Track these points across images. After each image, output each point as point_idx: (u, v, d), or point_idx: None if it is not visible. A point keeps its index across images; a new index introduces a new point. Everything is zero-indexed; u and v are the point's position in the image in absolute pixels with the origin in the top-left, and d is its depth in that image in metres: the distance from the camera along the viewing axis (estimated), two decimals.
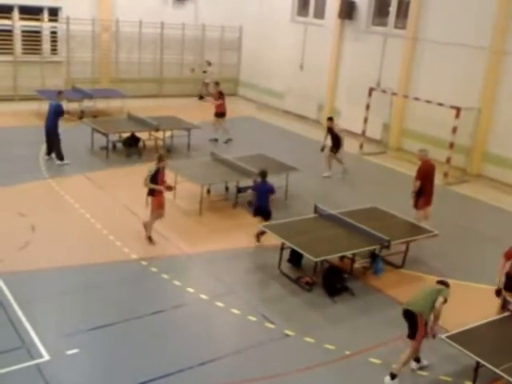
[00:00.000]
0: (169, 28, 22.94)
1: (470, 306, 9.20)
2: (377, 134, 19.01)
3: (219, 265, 10.00)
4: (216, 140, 17.55)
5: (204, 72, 23.39)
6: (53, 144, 14.22)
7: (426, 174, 11.48)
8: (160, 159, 10.33)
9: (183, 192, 12.45)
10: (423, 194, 11.43)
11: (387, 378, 7.18)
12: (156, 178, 10.20)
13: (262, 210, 10.78)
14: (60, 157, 14.22)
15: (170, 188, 10.66)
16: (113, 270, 9.50)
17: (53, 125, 14.12)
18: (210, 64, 23.42)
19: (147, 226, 10.54)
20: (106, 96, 20.10)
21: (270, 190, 10.84)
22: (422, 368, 7.50)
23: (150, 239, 10.51)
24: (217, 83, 18.65)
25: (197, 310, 8.68)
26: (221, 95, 17.67)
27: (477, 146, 16.41)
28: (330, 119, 15.19)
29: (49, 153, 14.51)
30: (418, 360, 7.49)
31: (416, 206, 11.53)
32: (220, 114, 17.58)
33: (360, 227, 9.93)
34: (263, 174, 10.98)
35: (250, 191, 11.91)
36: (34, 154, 14.67)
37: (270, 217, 10.73)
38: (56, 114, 14.10)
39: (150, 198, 10.32)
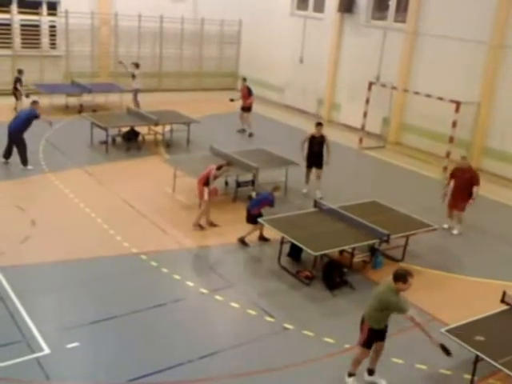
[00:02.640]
0: (168, 22, 22.91)
1: (469, 299, 9.24)
2: (376, 129, 19.01)
3: (219, 259, 10.02)
4: (244, 131, 18.07)
5: (133, 77, 19.31)
6: (18, 149, 13.42)
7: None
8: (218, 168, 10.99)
9: (183, 186, 12.46)
10: (469, 197, 11.59)
11: (346, 378, 7.03)
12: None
13: (248, 214, 10.59)
14: (24, 162, 13.41)
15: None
16: (113, 264, 9.51)
17: (20, 129, 13.26)
18: (137, 66, 19.46)
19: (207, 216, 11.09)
20: (105, 90, 20.10)
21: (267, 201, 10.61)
22: None
23: (212, 223, 11.13)
24: (244, 79, 18.67)
25: (196, 303, 8.69)
26: (250, 91, 18.03)
27: (476, 140, 16.41)
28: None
29: (7, 156, 13.59)
30: (371, 372, 7.11)
31: (464, 208, 11.71)
32: (247, 108, 18.04)
33: (359, 221, 9.94)
34: (274, 189, 10.76)
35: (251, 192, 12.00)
36: (34, 148, 14.64)
37: (254, 222, 10.39)
38: (29, 119, 13.25)
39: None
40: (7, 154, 13.64)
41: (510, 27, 15.41)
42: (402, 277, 6.48)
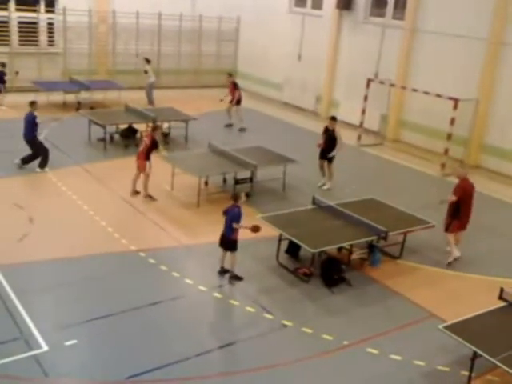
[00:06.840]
0: (166, 19, 22.87)
1: (466, 296, 9.26)
2: (375, 126, 19.00)
3: (217, 256, 9.99)
4: (231, 125, 18.26)
5: (145, 73, 20.01)
6: (38, 153, 13.20)
7: (464, 193, 10.08)
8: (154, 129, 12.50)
9: (181, 184, 12.45)
10: (458, 216, 10.16)
11: None
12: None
13: (224, 239, 9.17)
14: (43, 165, 13.23)
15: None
16: (111, 262, 9.51)
17: (32, 135, 13.13)
18: (148, 61, 20.12)
19: (146, 187, 12.07)
20: (103, 87, 20.09)
21: (236, 217, 8.92)
22: None
23: (151, 197, 12.07)
24: (230, 74, 18.93)
25: (195, 301, 8.69)
26: (235, 86, 18.26)
27: (474, 137, 16.42)
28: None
29: (27, 162, 13.27)
30: None
31: (447, 228, 10.31)
32: (236, 101, 18.20)
33: (358, 218, 9.94)
34: (234, 197, 9.19)
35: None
36: None
37: (234, 249, 9.12)
38: (32, 124, 13.07)
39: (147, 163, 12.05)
40: (29, 159, 13.31)
41: (509, 24, 15.40)
42: None
